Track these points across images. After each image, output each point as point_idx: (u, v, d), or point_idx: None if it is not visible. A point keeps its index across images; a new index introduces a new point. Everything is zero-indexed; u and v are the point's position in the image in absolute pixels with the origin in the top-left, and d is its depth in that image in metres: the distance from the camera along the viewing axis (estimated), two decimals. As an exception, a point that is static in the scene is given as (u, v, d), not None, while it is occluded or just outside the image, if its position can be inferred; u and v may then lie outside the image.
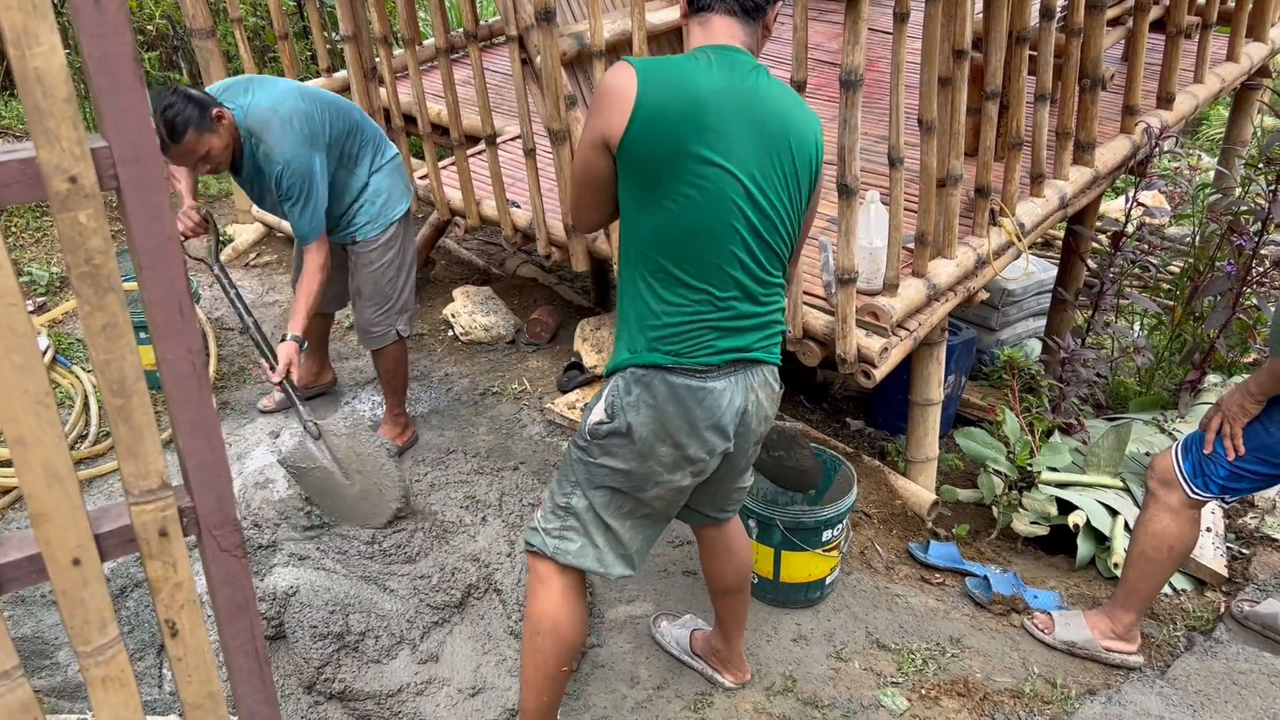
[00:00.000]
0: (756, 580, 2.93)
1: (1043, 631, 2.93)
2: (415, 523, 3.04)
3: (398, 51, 4.47)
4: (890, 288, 3.09)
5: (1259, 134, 5.51)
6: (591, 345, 3.93)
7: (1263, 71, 5.08)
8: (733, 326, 2.00)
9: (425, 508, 3.11)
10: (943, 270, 3.21)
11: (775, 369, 2.13)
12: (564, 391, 3.82)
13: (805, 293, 3.16)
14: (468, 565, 2.92)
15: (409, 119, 4.16)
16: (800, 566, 2.87)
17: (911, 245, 3.20)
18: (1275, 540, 3.70)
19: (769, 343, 2.08)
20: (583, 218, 2.12)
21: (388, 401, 3.46)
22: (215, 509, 1.06)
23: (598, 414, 2.06)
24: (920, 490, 3.50)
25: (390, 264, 3.21)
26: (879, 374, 3.04)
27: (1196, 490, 2.63)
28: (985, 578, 3.15)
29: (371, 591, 2.90)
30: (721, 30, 1.98)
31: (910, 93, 2.90)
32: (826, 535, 2.83)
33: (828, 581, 2.94)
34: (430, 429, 3.66)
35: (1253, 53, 4.74)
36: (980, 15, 3.13)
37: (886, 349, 3.04)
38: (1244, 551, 3.58)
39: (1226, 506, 2.72)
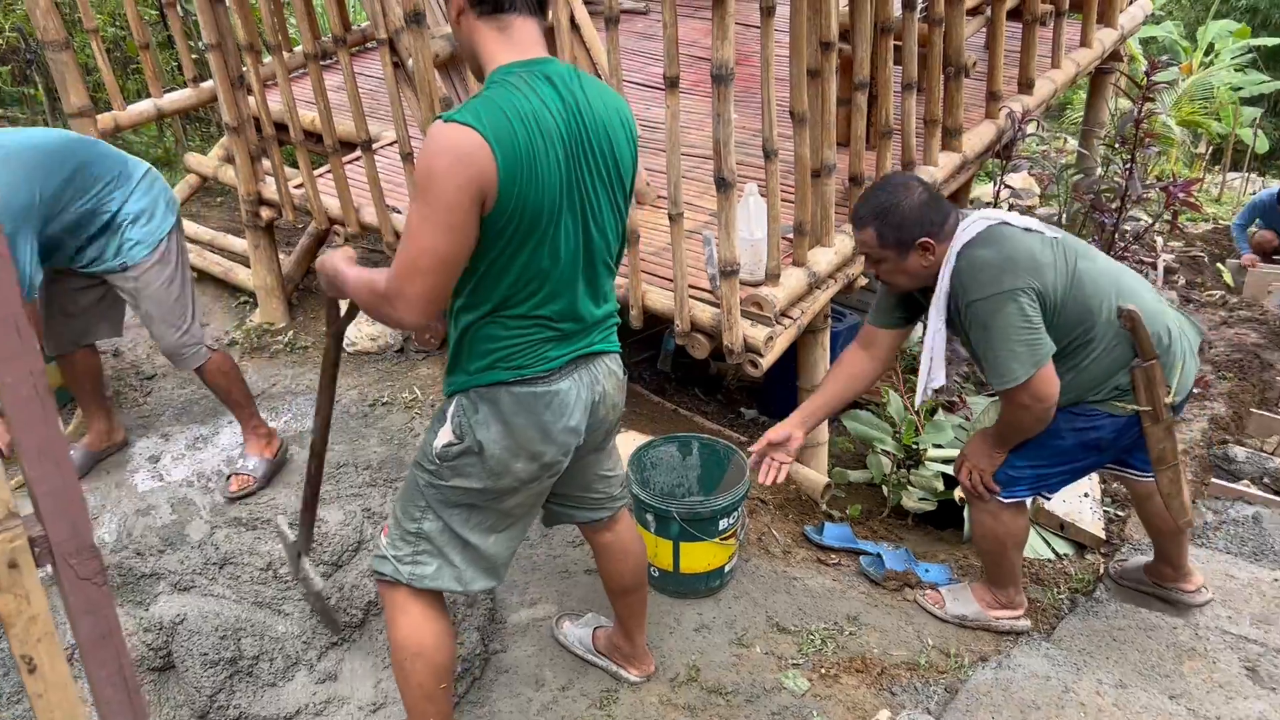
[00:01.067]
0: (657, 573, 2.95)
1: (935, 607, 3.02)
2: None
3: (266, 59, 4.36)
4: (772, 278, 3.15)
5: (1115, 115, 5.77)
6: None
7: (1115, 56, 5.33)
8: (572, 333, 1.99)
9: (319, 525, 3.04)
10: (822, 258, 3.28)
11: (617, 355, 2.14)
12: (456, 398, 3.77)
13: (691, 286, 3.19)
14: (366, 582, 2.86)
15: (280, 127, 4.05)
16: (699, 557, 2.89)
17: (791, 235, 3.26)
18: (1147, 501, 3.89)
19: (607, 333, 2.09)
20: (435, 302, 1.80)
21: (238, 417, 3.34)
22: (69, 536, 1.02)
23: (445, 436, 2.01)
24: (813, 474, 3.57)
25: (172, 280, 3.06)
26: (766, 362, 3.09)
27: (1005, 498, 2.73)
28: (879, 555, 3.23)
29: (264, 615, 2.82)
30: (525, 37, 1.84)
31: (782, 85, 2.95)
32: (723, 524, 2.86)
33: (727, 570, 2.97)
34: (320, 444, 3.57)
35: (1104, 38, 4.97)
36: (846, 7, 3.20)
37: (772, 338, 3.10)
38: (1119, 514, 3.76)
39: (1049, 499, 2.87)
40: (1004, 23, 3.96)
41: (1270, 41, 14.72)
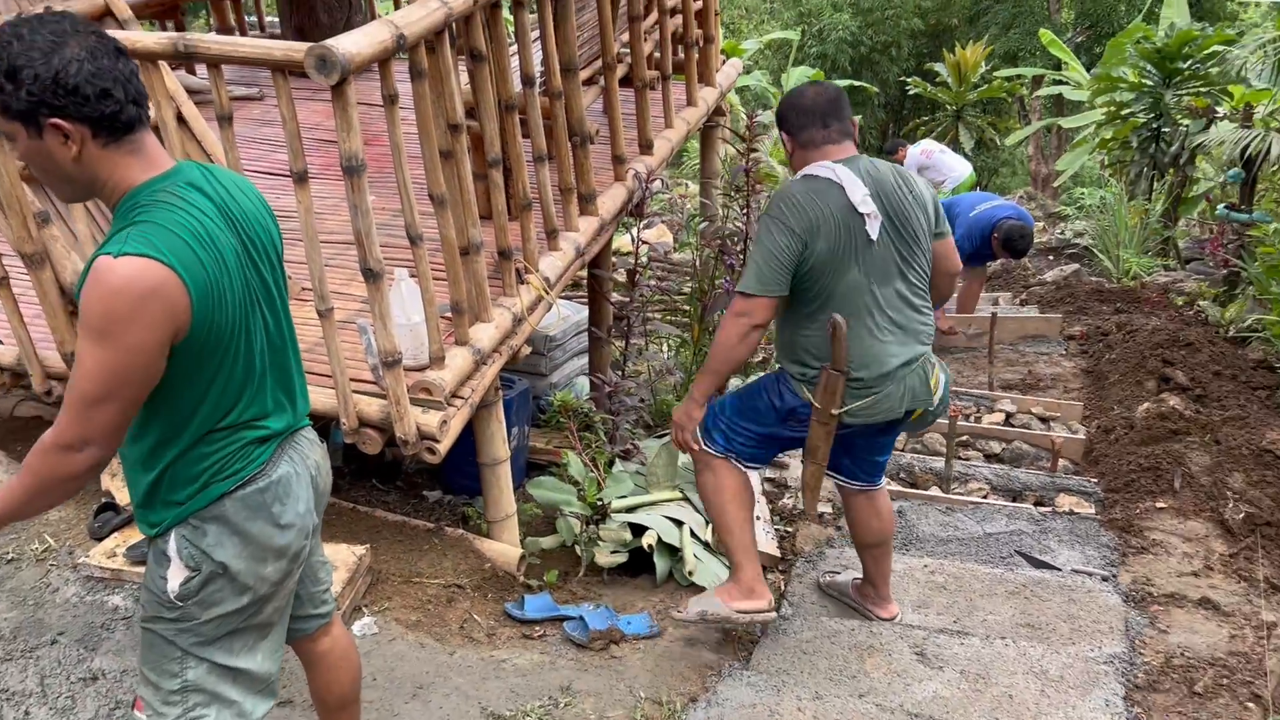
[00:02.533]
0: None
1: (681, 614, 3.09)
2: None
3: None
4: (437, 360, 3.10)
5: (726, 162, 6.31)
6: (123, 480, 3.50)
7: (718, 110, 5.83)
8: (276, 427, 1.94)
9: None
10: (484, 334, 3.28)
11: (310, 426, 2.11)
12: (99, 539, 3.36)
13: (353, 379, 3.06)
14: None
15: None
16: None
17: (449, 314, 3.23)
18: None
19: (305, 407, 2.07)
20: (117, 435, 1.72)
21: None
22: None
23: (178, 575, 1.86)
24: (506, 548, 3.55)
25: None
26: (442, 448, 3.04)
27: (708, 448, 3.06)
28: (581, 618, 3.26)
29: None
30: (153, 149, 1.75)
31: (415, 164, 2.93)
32: None
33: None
34: (-68, 623, 3.04)
35: (707, 96, 5.42)
36: (468, 86, 3.25)
37: (445, 421, 3.05)
38: (789, 530, 4.06)
39: (751, 469, 3.11)
40: (618, 90, 4.20)
41: (843, 84, 16.78)
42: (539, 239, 3.68)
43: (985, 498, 4.47)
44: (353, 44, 2.51)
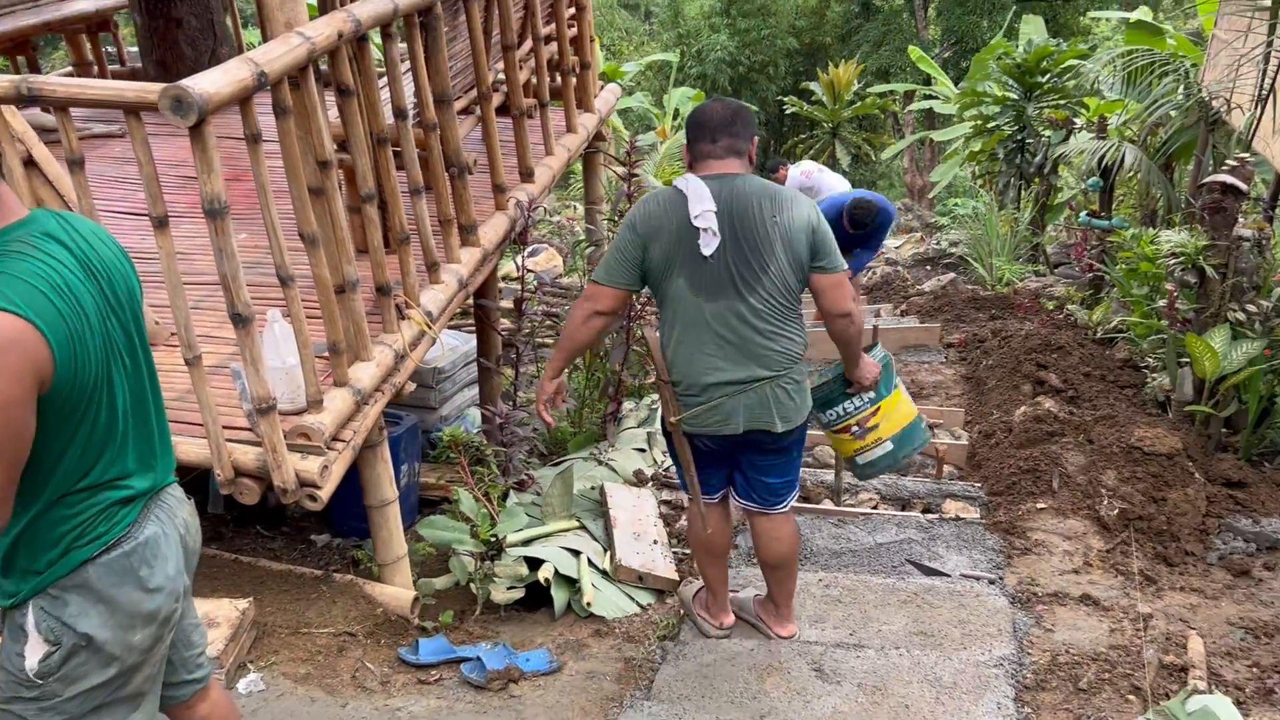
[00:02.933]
0: None
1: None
2: None
3: None
4: (315, 404, 3.01)
5: (611, 187, 6.33)
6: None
7: (599, 135, 5.85)
8: (141, 486, 1.86)
9: None
10: (364, 374, 3.20)
11: (177, 483, 2.02)
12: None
13: (227, 427, 2.95)
14: None
15: None
16: None
17: (327, 355, 3.14)
18: (707, 534, 4.25)
19: (170, 464, 1.98)
20: (4, 500, 1.63)
21: None
22: None
23: (37, 650, 1.75)
24: (398, 591, 3.45)
25: None
26: (324, 494, 2.94)
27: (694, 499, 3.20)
28: (478, 658, 3.19)
29: None
30: (6, 197, 1.68)
31: (284, 201, 2.85)
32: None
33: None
34: None
35: (587, 122, 5.43)
36: (338, 119, 3.18)
37: (327, 467, 2.95)
38: (686, 552, 4.06)
39: (710, 500, 3.25)
40: (495, 119, 4.17)
41: (722, 103, 16.97)
42: (419, 273, 3.61)
43: (875, 508, 4.56)
44: (210, 83, 2.42)
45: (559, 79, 5.21)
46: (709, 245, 2.82)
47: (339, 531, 4.20)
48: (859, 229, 6.47)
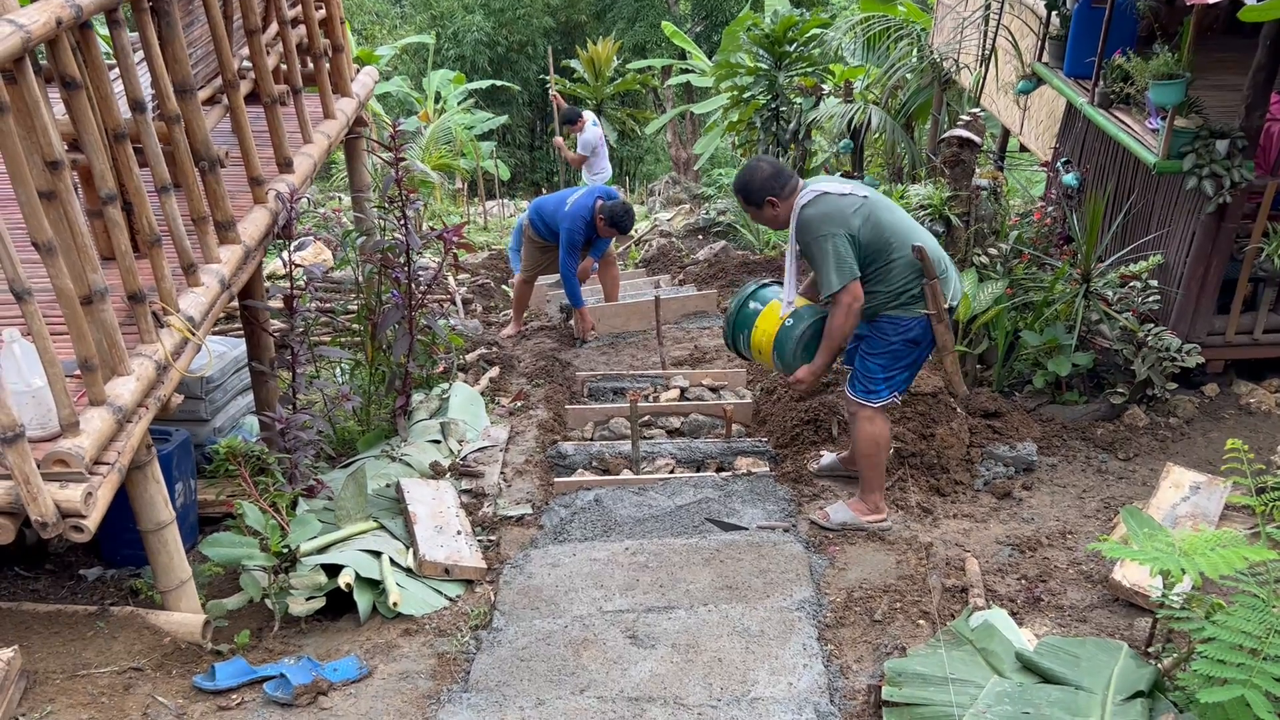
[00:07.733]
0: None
1: (824, 521, 3.97)
2: None
3: None
4: (70, 426, 2.75)
5: (376, 173, 6.11)
6: None
7: (359, 120, 5.63)
8: None
9: None
10: (124, 389, 2.95)
11: None
12: None
13: (-33, 463, 2.65)
14: None
15: None
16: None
17: (79, 373, 2.88)
18: (511, 517, 4.22)
19: None
20: None
21: None
22: None
23: None
24: (186, 617, 3.23)
25: None
26: (91, 524, 2.70)
27: (873, 402, 3.86)
28: (282, 675, 3.03)
29: None
30: None
31: (14, 207, 2.57)
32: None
33: None
34: None
35: (345, 108, 5.21)
36: (66, 117, 2.89)
37: (91, 494, 2.71)
38: (493, 538, 4.02)
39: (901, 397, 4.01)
40: (245, 108, 3.93)
41: (484, 84, 16.84)
42: (175, 276, 3.37)
43: (672, 472, 4.67)
44: (-97, 79, 2.14)
45: (310, 64, 4.97)
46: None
47: (112, 562, 3.89)
48: (624, 231, 6.55)
